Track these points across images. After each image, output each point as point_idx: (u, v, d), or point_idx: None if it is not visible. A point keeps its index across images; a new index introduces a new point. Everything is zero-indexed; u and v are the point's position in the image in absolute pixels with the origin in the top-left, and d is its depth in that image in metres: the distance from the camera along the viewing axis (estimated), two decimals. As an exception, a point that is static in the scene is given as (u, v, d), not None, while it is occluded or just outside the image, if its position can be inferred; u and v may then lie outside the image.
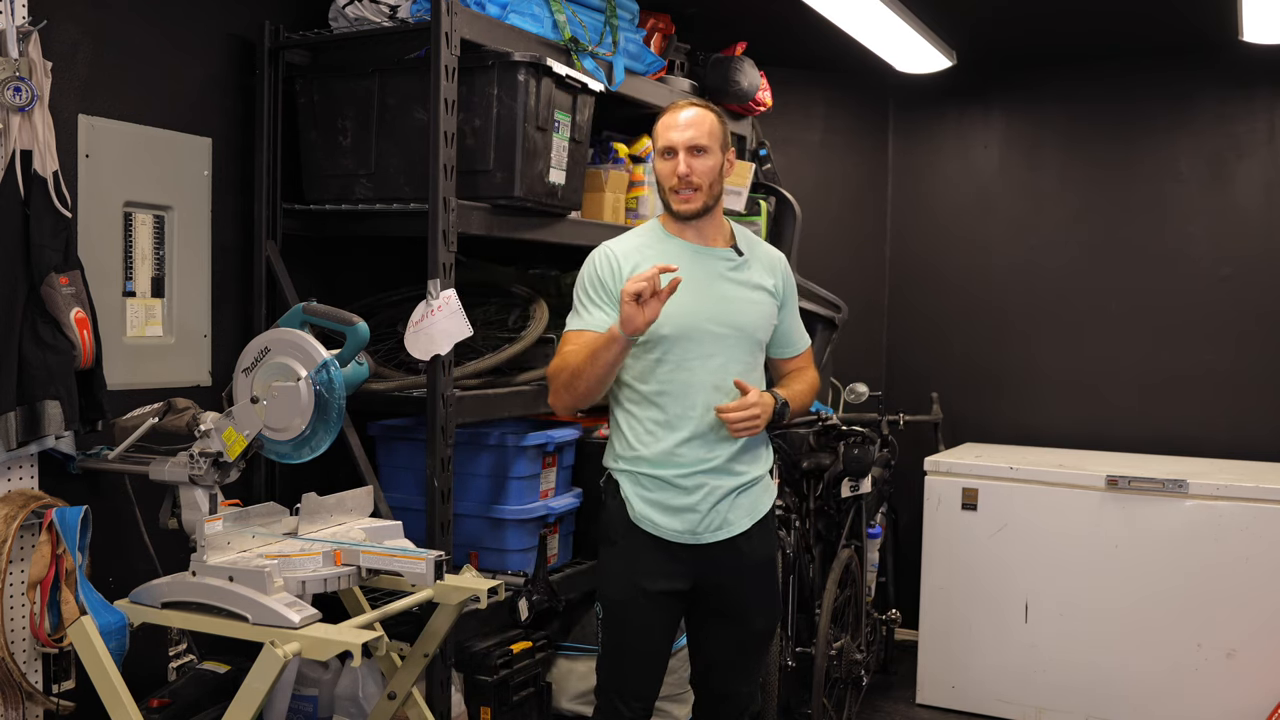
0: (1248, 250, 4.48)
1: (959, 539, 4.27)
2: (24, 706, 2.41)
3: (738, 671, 2.73)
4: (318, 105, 3.04)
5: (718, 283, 2.65)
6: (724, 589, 2.64)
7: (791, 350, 2.81)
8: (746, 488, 2.64)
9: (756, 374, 2.70)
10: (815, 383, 2.81)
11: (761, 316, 2.69)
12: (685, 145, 2.59)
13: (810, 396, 2.78)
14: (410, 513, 2.94)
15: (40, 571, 2.36)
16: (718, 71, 3.92)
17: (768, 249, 2.81)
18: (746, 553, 2.64)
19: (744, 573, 2.65)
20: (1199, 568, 3.91)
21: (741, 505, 2.63)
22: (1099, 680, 4.06)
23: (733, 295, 2.65)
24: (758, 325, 2.68)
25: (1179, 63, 4.57)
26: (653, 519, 2.59)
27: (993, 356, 4.92)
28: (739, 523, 2.63)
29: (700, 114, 2.63)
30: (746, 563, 2.64)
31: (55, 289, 2.38)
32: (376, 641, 2.07)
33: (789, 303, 2.78)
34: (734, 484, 2.61)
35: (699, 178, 2.60)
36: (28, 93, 2.33)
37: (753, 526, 2.65)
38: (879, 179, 5.15)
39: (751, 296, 2.68)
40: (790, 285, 2.79)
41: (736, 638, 2.69)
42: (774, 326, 2.73)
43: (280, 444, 2.32)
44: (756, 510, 2.67)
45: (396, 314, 3.23)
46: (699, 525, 2.59)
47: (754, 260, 2.72)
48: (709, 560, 2.61)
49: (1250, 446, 4.41)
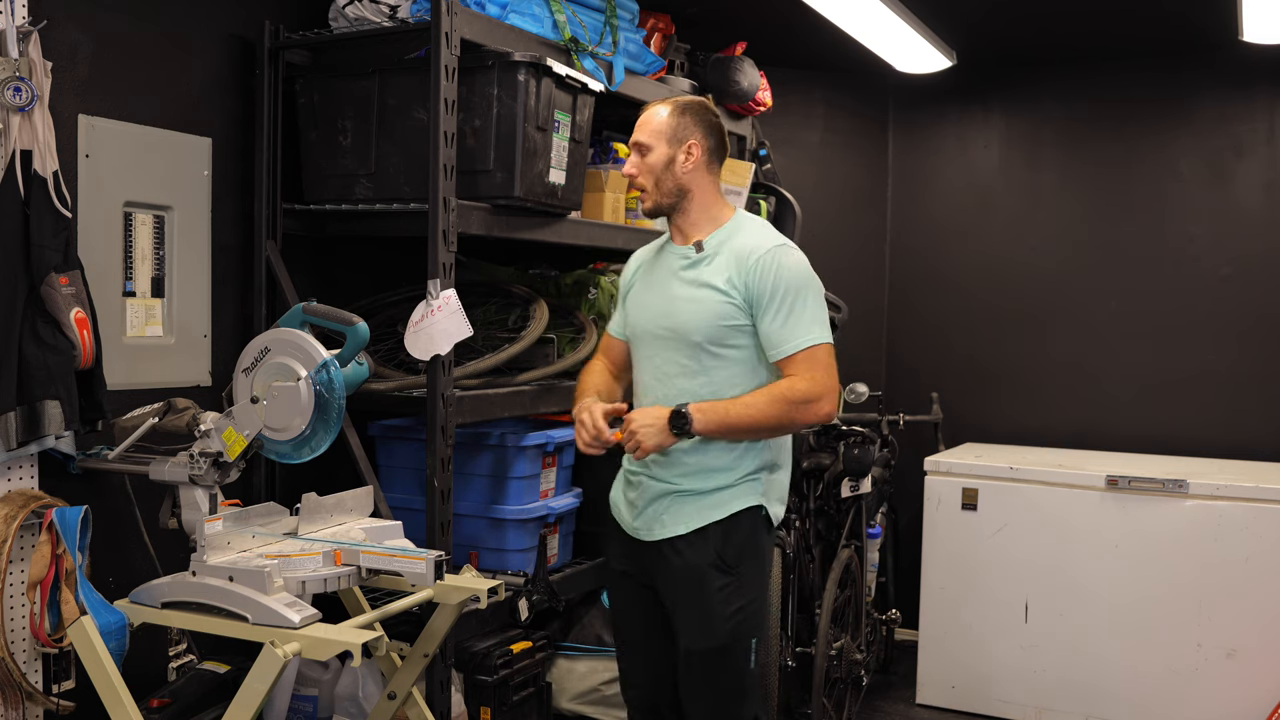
0: (1248, 250, 4.48)
1: (959, 539, 4.27)
2: (24, 706, 2.41)
3: (683, 687, 2.59)
4: (318, 105, 3.04)
5: (668, 282, 2.61)
6: (662, 593, 2.60)
7: (775, 352, 2.50)
8: (688, 495, 2.53)
9: (707, 377, 2.51)
10: (787, 392, 2.45)
11: (700, 316, 2.51)
12: (632, 145, 2.60)
13: (772, 406, 2.45)
14: (410, 513, 2.94)
15: (40, 571, 2.36)
16: (718, 71, 3.92)
17: (749, 244, 2.53)
18: (676, 560, 2.54)
19: (674, 580, 2.55)
20: (1199, 568, 3.91)
21: (681, 511, 2.53)
22: (1099, 680, 4.06)
23: (675, 294, 2.58)
24: (694, 326, 2.51)
25: (1179, 63, 4.57)
26: (617, 505, 2.70)
27: (993, 356, 4.92)
28: (674, 527, 2.54)
29: (650, 112, 2.59)
30: (677, 570, 2.54)
31: (55, 289, 2.38)
32: (376, 641, 2.07)
33: (765, 301, 2.48)
34: (670, 489, 2.55)
35: (642, 177, 2.58)
36: (28, 93, 2.33)
37: (690, 533, 2.52)
38: (879, 179, 5.15)
39: (694, 295, 2.54)
40: (767, 282, 2.48)
41: (679, 648, 2.59)
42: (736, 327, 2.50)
43: (280, 444, 2.32)
44: (694, 519, 2.52)
45: (396, 314, 3.23)
46: (637, 520, 2.61)
47: (717, 257, 2.54)
48: (652, 559, 2.60)
49: (1250, 446, 4.41)
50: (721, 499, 2.53)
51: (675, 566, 2.54)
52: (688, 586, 2.54)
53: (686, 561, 2.53)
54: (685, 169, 2.57)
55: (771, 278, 2.49)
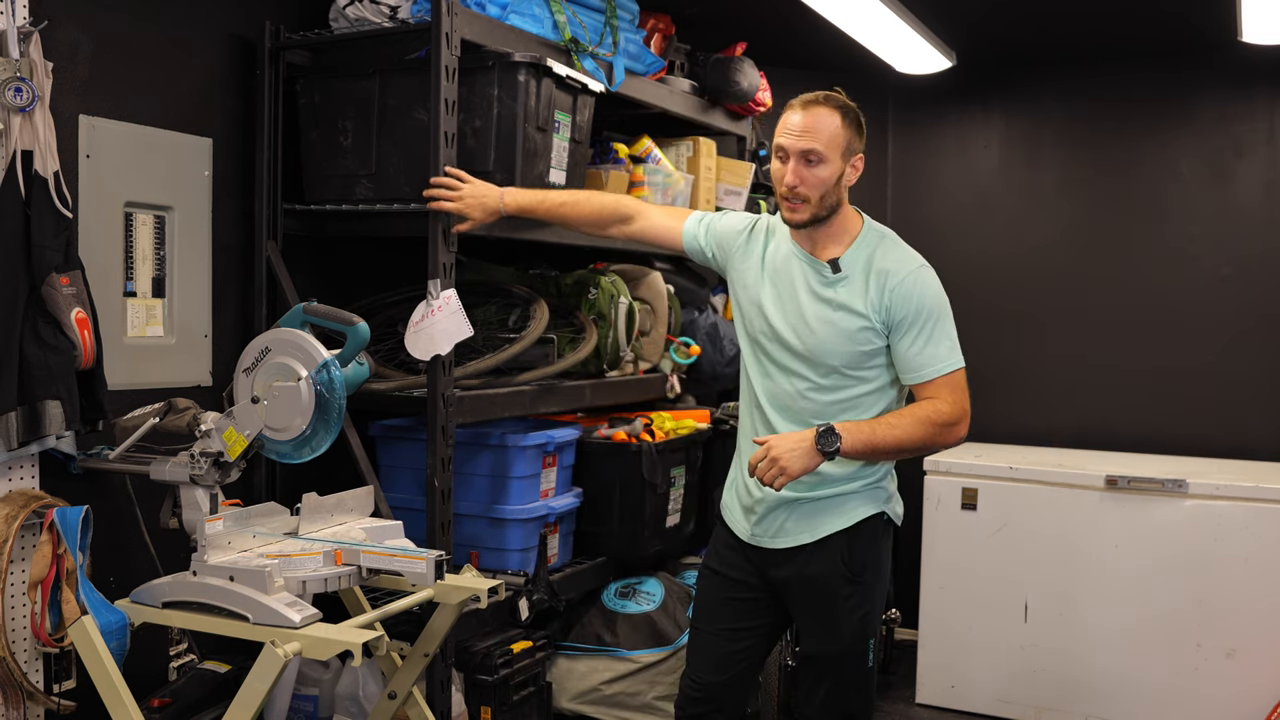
0: (1248, 250, 4.48)
1: (959, 539, 4.27)
2: (25, 706, 2.42)
3: (802, 686, 2.66)
4: (318, 105, 3.04)
5: (799, 294, 2.52)
6: (785, 599, 2.62)
7: (914, 376, 2.48)
8: (809, 502, 2.53)
9: (836, 395, 2.50)
10: (933, 415, 2.44)
11: (838, 341, 2.47)
12: (798, 152, 2.42)
13: (917, 429, 2.43)
14: (410, 513, 2.94)
15: (41, 571, 2.36)
16: (718, 72, 3.92)
17: (889, 265, 2.48)
18: (803, 568, 2.55)
19: (800, 588, 2.57)
20: (1199, 568, 3.91)
21: (804, 519, 2.54)
22: (1099, 680, 4.06)
23: (809, 312, 2.50)
24: (832, 350, 2.47)
25: (1179, 63, 4.57)
26: (731, 509, 2.68)
27: (992, 356, 4.91)
28: (798, 535, 2.54)
29: (823, 117, 2.42)
30: (804, 579, 2.56)
31: (56, 289, 2.38)
32: (377, 641, 2.07)
33: (904, 326, 2.45)
34: (791, 496, 2.53)
35: (808, 190, 2.43)
36: (28, 93, 2.34)
37: (814, 543, 2.53)
38: (879, 179, 5.15)
39: (831, 317, 2.48)
40: (910, 306, 2.45)
41: (803, 652, 2.66)
42: (872, 351, 2.47)
43: (281, 444, 2.32)
44: (818, 528, 2.53)
45: (396, 314, 3.24)
46: (756, 527, 2.60)
47: (854, 276, 2.48)
48: (774, 566, 2.59)
49: (1250, 446, 4.41)
50: (845, 506, 2.53)
51: (803, 575, 2.55)
52: (815, 595, 2.56)
53: (814, 571, 2.54)
54: (849, 183, 2.48)
55: (915, 302, 2.46)
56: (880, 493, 2.58)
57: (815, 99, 2.46)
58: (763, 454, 2.38)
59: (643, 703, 3.46)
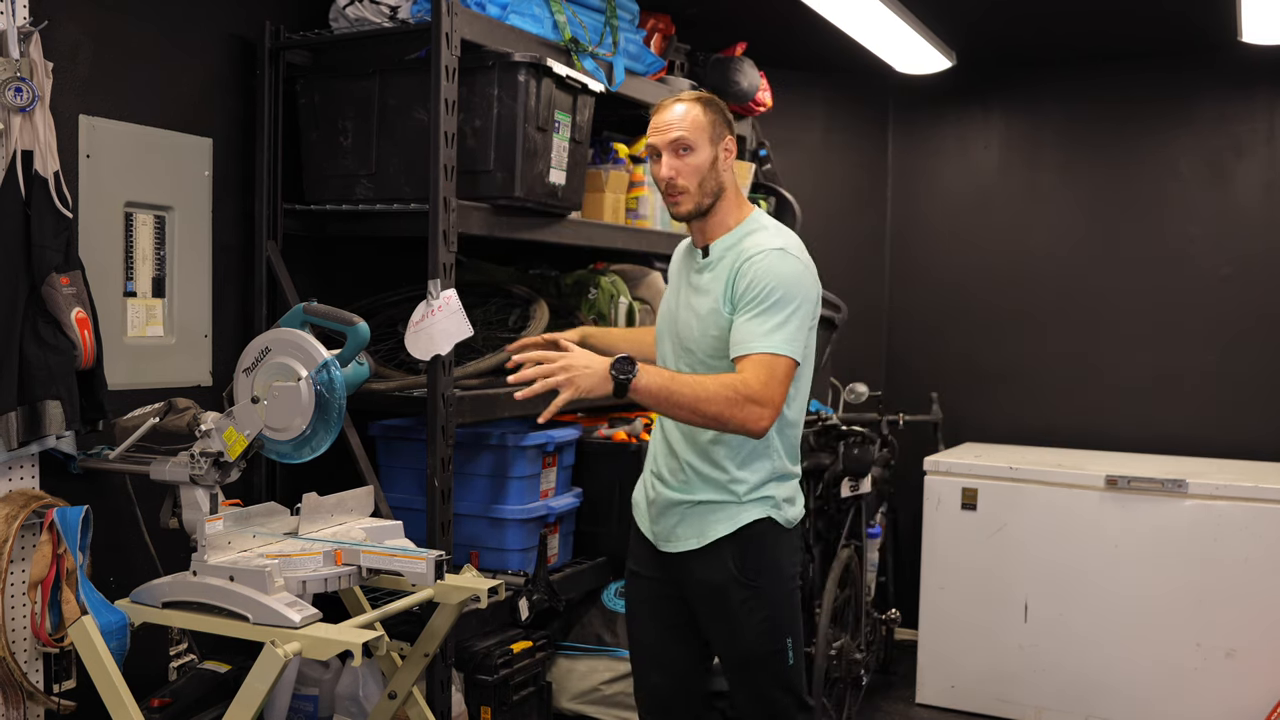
0: (1248, 250, 4.49)
1: (959, 539, 4.27)
2: (25, 706, 2.42)
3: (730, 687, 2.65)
4: (318, 105, 3.04)
5: (682, 287, 2.58)
6: (689, 602, 2.59)
7: (736, 349, 2.36)
8: (698, 506, 2.50)
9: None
10: (737, 384, 2.29)
11: (696, 327, 2.47)
12: (667, 145, 2.45)
13: (718, 390, 2.27)
14: (410, 513, 2.94)
15: (41, 571, 2.36)
16: (718, 72, 3.92)
17: (749, 246, 2.44)
18: (696, 574, 2.52)
19: (697, 593, 2.55)
20: (1199, 568, 3.91)
21: (693, 524, 2.51)
22: (1099, 680, 4.06)
23: (683, 302, 2.55)
24: (692, 338, 2.48)
25: (1179, 63, 4.57)
26: (639, 505, 2.69)
27: (992, 356, 4.92)
28: (688, 540, 2.52)
29: (684, 109, 2.45)
30: (698, 584, 2.53)
31: (56, 289, 2.38)
32: (377, 641, 2.07)
33: (742, 302, 2.38)
34: (681, 499, 2.52)
35: (685, 179, 2.45)
36: (29, 93, 2.33)
37: (704, 548, 2.49)
38: (879, 179, 5.15)
39: (694, 304, 2.49)
40: (749, 283, 2.37)
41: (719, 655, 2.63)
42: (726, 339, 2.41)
43: (281, 444, 2.32)
44: (706, 533, 2.49)
45: (396, 314, 3.24)
46: (655, 527, 2.60)
47: (721, 262, 2.47)
48: (674, 569, 2.58)
49: (1250, 446, 4.41)
50: (729, 511, 2.49)
51: (696, 580, 2.54)
52: (711, 600, 2.54)
53: (706, 576, 2.51)
54: (725, 167, 2.49)
55: (757, 280, 2.37)
56: (768, 499, 2.49)
57: (680, 96, 2.51)
58: (554, 357, 2.26)
59: (643, 703, 3.46)
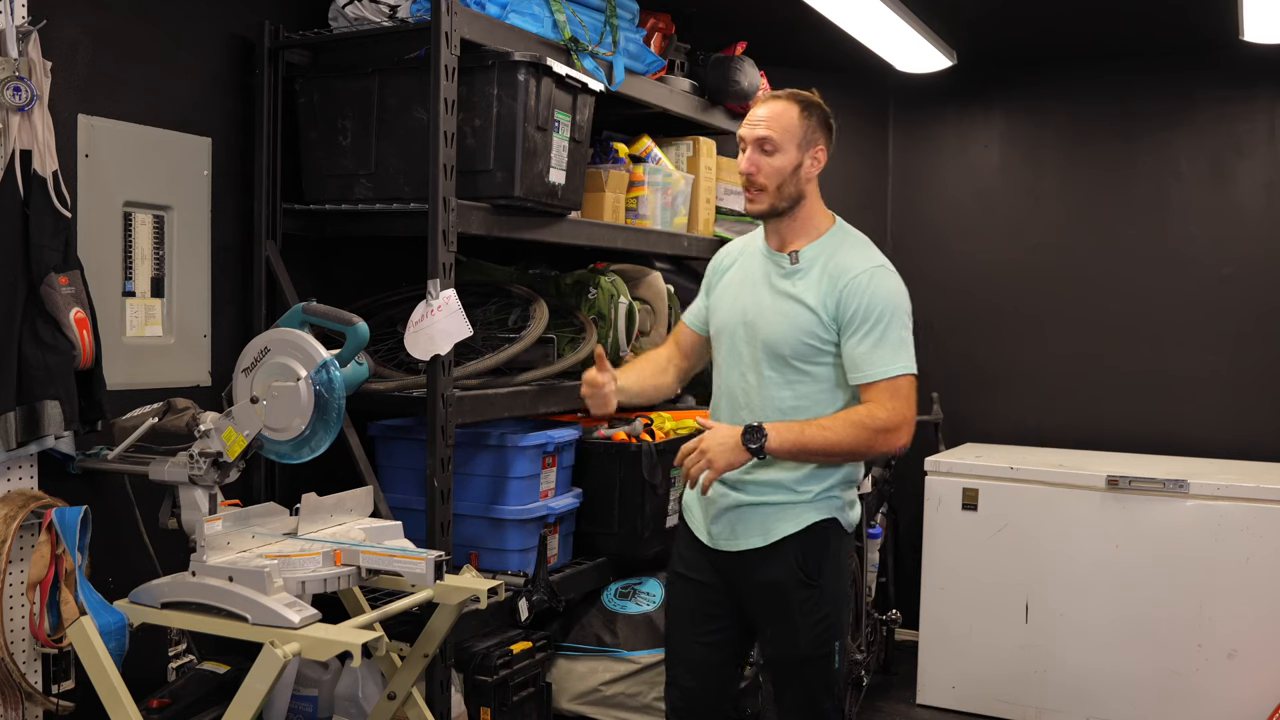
0: (1248, 250, 4.48)
1: (959, 539, 4.27)
2: (24, 707, 2.41)
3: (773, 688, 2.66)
4: (318, 105, 3.04)
5: (759, 288, 2.55)
6: (744, 603, 2.60)
7: (858, 375, 2.43)
8: (759, 507, 2.51)
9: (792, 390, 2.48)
10: (866, 419, 2.38)
11: (786, 329, 2.47)
12: (753, 141, 2.47)
13: (849, 431, 2.38)
14: (410, 513, 2.94)
15: (40, 571, 2.36)
16: (718, 71, 3.92)
17: (846, 262, 2.47)
18: (757, 573, 2.53)
19: (757, 593, 2.55)
20: (1199, 568, 3.91)
21: (755, 523, 2.51)
22: (1099, 680, 4.05)
23: (765, 303, 2.52)
24: (780, 339, 2.47)
25: (1179, 63, 4.56)
26: (691, 508, 2.67)
27: (992, 356, 4.92)
28: (750, 539, 2.52)
29: (780, 108, 2.47)
30: (758, 583, 2.54)
31: (55, 289, 2.37)
32: (376, 642, 2.07)
33: (856, 324, 2.42)
34: (744, 499, 2.52)
35: (764, 178, 2.46)
36: (27, 92, 2.33)
37: (768, 546, 2.50)
38: (879, 179, 5.15)
39: (783, 308, 2.49)
40: (861, 304, 2.43)
41: (764, 656, 2.66)
42: (819, 347, 2.45)
43: (280, 444, 2.32)
44: (770, 532, 2.50)
45: (396, 314, 3.23)
46: (712, 527, 2.59)
47: (812, 271, 2.49)
48: (731, 569, 2.58)
49: (1250, 446, 4.41)
50: (795, 512, 2.50)
51: (757, 580, 2.53)
52: (771, 600, 2.53)
53: (768, 575, 2.51)
54: (809, 175, 2.49)
55: (865, 300, 2.43)
56: (834, 500, 2.53)
57: (778, 94, 2.51)
58: (693, 445, 2.38)
59: (642, 704, 3.46)
